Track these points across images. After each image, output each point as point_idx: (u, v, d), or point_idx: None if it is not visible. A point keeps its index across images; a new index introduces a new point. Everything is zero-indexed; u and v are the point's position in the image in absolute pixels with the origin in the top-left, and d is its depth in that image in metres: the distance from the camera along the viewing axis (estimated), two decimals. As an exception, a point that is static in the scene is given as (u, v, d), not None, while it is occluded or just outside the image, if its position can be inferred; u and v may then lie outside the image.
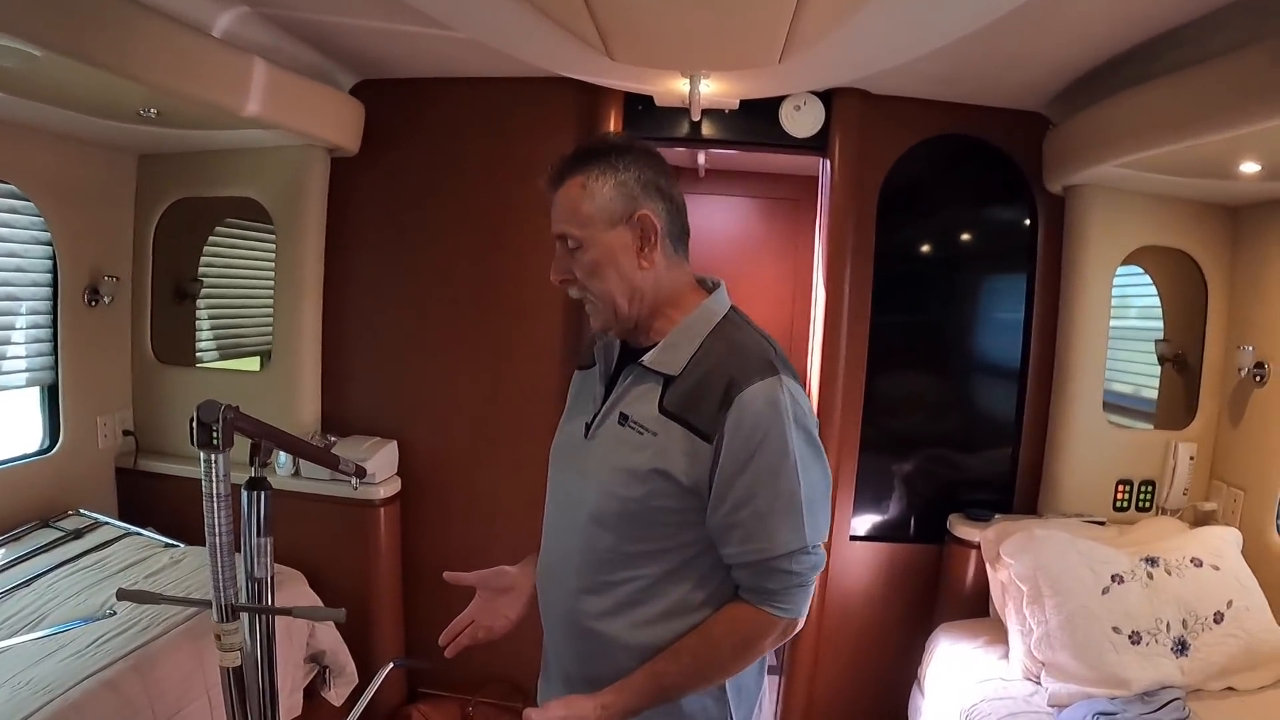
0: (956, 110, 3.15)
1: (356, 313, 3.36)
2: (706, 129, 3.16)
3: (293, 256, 3.21)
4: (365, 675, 3.01)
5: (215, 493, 1.64)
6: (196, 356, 3.54)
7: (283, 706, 2.12)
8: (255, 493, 1.77)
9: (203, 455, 1.64)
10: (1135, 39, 2.42)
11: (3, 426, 2.99)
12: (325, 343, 3.33)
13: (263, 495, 1.77)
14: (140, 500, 3.27)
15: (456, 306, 3.31)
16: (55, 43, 1.92)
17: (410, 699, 3.42)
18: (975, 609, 3.05)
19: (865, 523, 3.33)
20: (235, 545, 1.76)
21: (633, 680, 1.39)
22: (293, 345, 3.24)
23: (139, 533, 2.97)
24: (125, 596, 1.71)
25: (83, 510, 3.02)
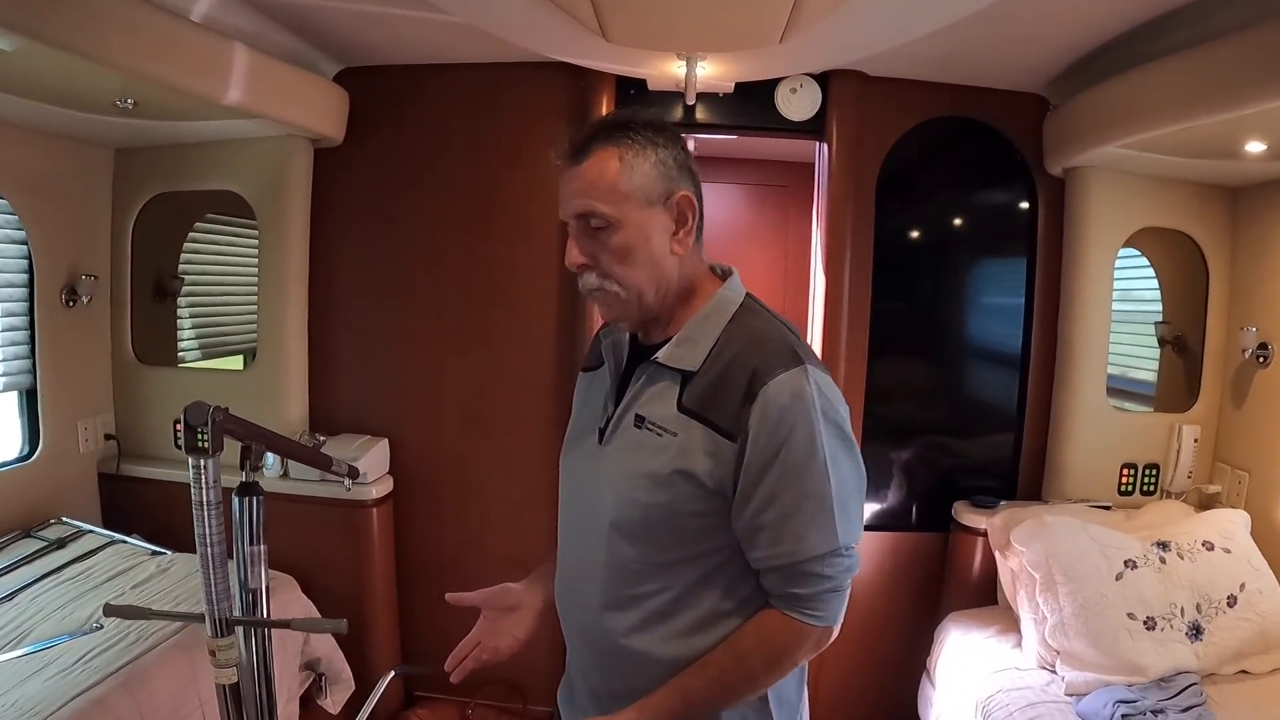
0: (955, 92, 3.10)
1: (343, 307, 3.27)
2: (700, 113, 3.10)
3: (276, 251, 3.12)
4: (361, 681, 2.94)
5: (205, 500, 1.54)
6: (179, 356, 3.45)
7: (280, 717, 2.04)
8: (247, 499, 1.67)
9: (191, 461, 1.54)
10: (1139, 17, 2.37)
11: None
12: (311, 339, 3.24)
13: (255, 501, 1.67)
14: (124, 506, 3.17)
15: (446, 298, 3.23)
16: (25, 28, 1.83)
17: (408, 704, 3.35)
18: (983, 597, 3.02)
19: (867, 511, 3.27)
20: (230, 552, 1.68)
21: (657, 698, 1.30)
22: (278, 342, 3.15)
23: (124, 540, 2.88)
24: (112, 613, 1.61)
25: (65, 518, 2.93)
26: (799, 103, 3.03)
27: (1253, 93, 1.98)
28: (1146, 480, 3.15)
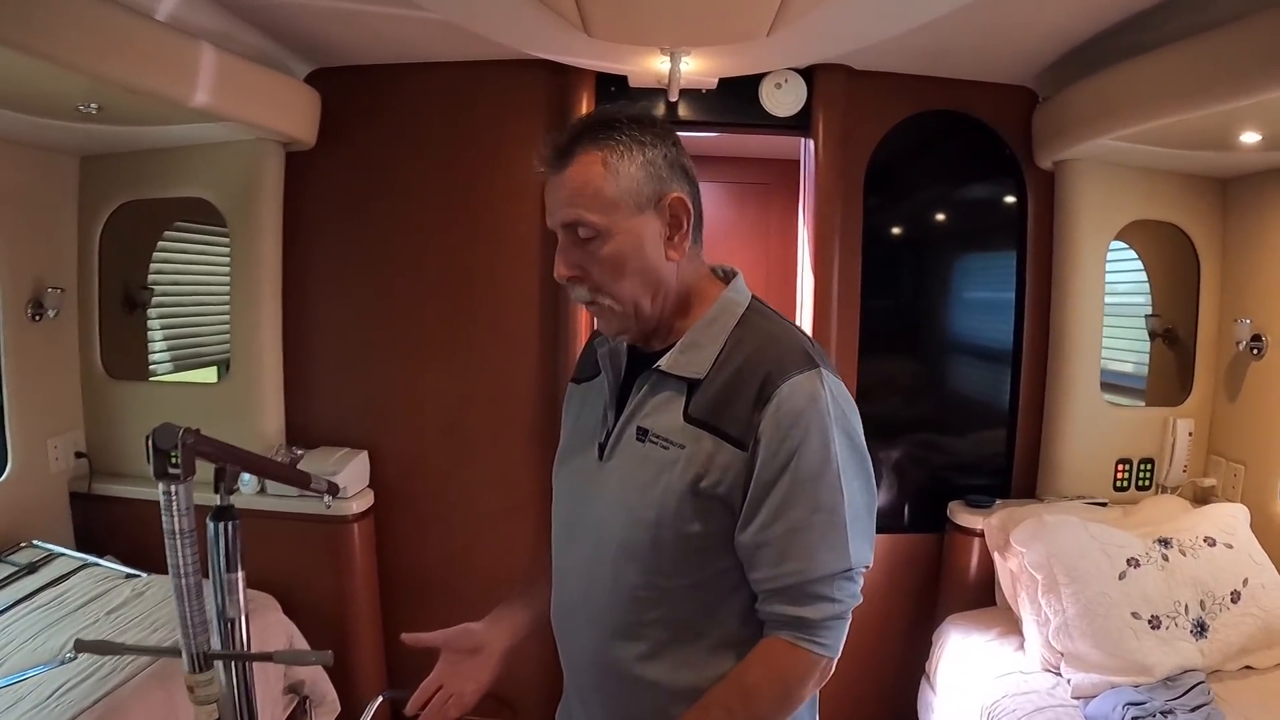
0: (942, 85, 3.05)
1: (319, 316, 3.17)
2: (683, 110, 3.03)
3: (248, 259, 3.02)
4: (345, 701, 2.85)
5: (177, 529, 1.42)
6: (150, 370, 3.33)
7: (264, 745, 1.95)
8: (222, 524, 1.56)
9: (161, 488, 1.43)
10: (1135, 6, 2.33)
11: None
12: (286, 349, 3.13)
13: (231, 526, 1.56)
14: (98, 526, 3.06)
15: (424, 304, 3.14)
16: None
17: (394, 720, 3.26)
18: (981, 598, 2.96)
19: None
20: (206, 572, 1.58)
21: None
22: (252, 353, 3.04)
23: (97, 563, 2.78)
24: (84, 648, 1.50)
25: (36, 541, 2.81)
26: (784, 98, 2.97)
27: (1255, 82, 1.94)
28: (1142, 475, 3.12)
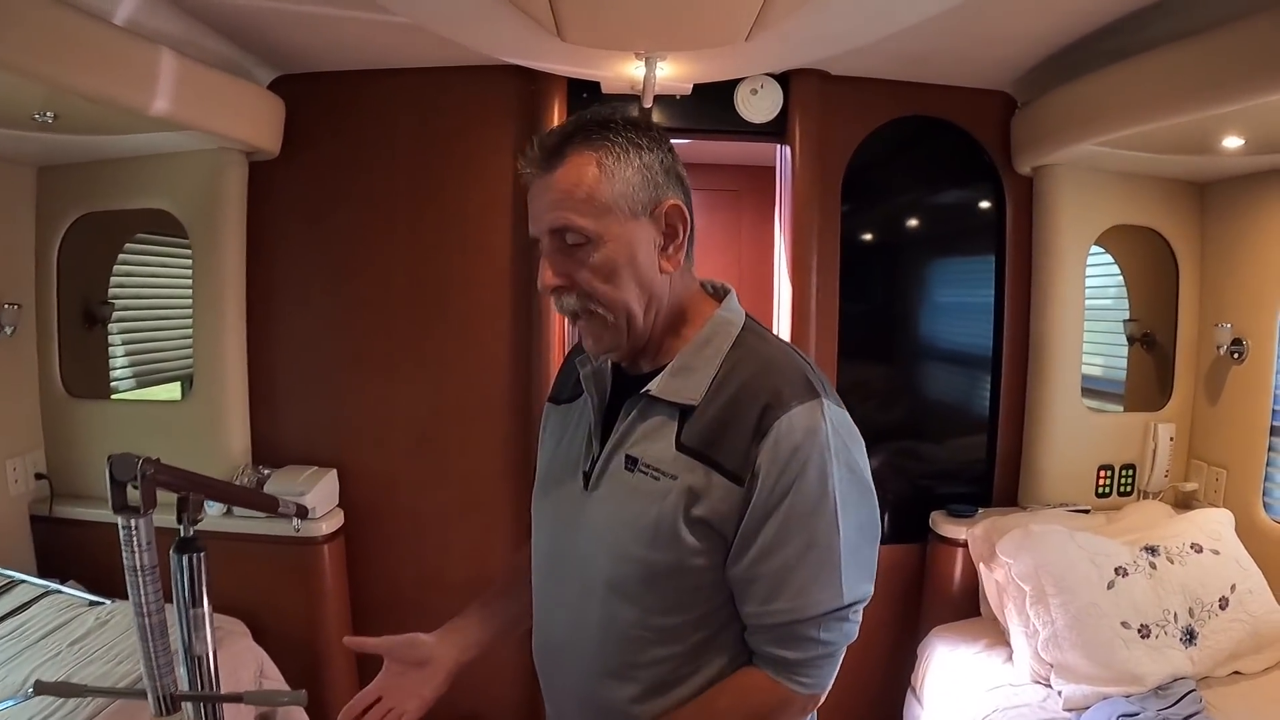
0: (919, 91, 3.02)
1: (284, 330, 3.07)
2: (657, 117, 2.95)
3: (211, 272, 2.92)
4: (318, 728, 2.75)
5: (139, 564, 1.33)
6: (112, 387, 3.22)
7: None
8: (186, 556, 1.46)
9: (121, 521, 1.34)
10: (1112, 13, 2.30)
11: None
12: (251, 365, 3.03)
13: (197, 558, 1.47)
14: (59, 551, 2.95)
15: (393, 317, 3.06)
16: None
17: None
18: (965, 609, 2.93)
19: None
20: (170, 598, 1.49)
21: None
22: (216, 369, 2.94)
23: (60, 590, 2.66)
24: (44, 690, 1.42)
25: (-4, 568, 2.71)
26: (760, 104, 2.92)
27: (1242, 88, 1.93)
28: (1123, 481, 3.11)
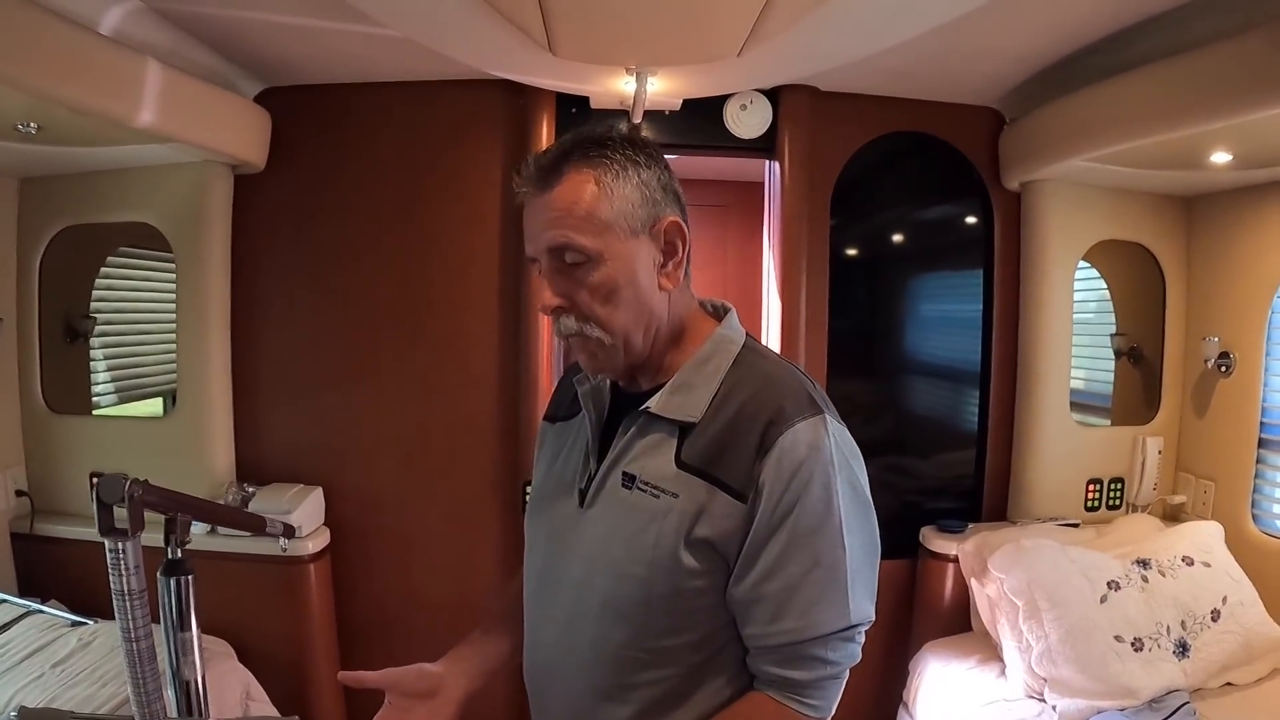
0: (907, 106, 3.04)
1: (269, 346, 3.03)
2: (646, 132, 2.94)
3: (195, 286, 2.88)
4: (305, 749, 2.71)
5: (127, 589, 1.28)
6: (94, 403, 3.18)
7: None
8: (174, 579, 1.43)
9: (108, 545, 1.30)
10: (1110, 27, 2.31)
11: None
12: (236, 381, 2.99)
13: (185, 581, 1.43)
14: (41, 569, 2.88)
15: (380, 333, 3.02)
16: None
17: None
18: (956, 624, 2.92)
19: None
20: (156, 618, 1.45)
21: None
22: (200, 385, 2.90)
23: (41, 610, 2.61)
24: (28, 716, 1.39)
25: (-25, 587, 2.65)
26: (749, 120, 2.92)
27: (1236, 103, 1.94)
28: (1112, 495, 3.12)
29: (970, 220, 3.17)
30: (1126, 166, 2.71)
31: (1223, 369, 2.89)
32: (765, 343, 3.01)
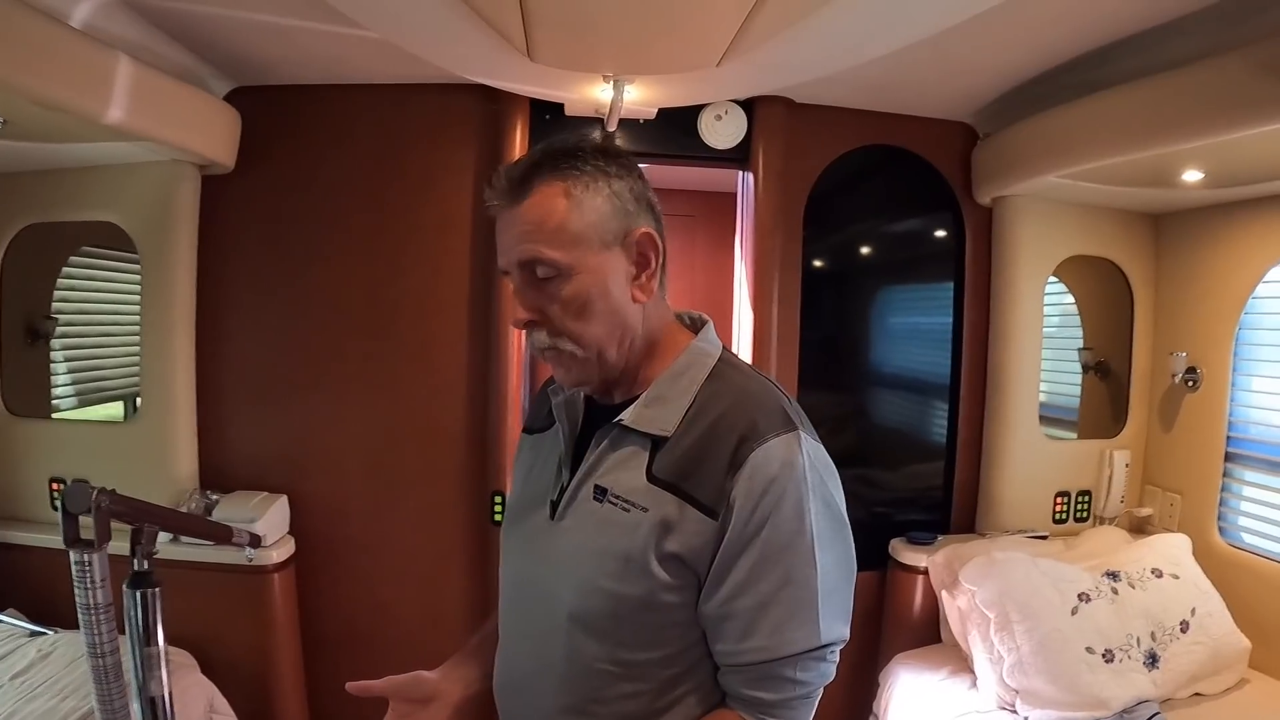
0: (881, 120, 3.05)
1: (235, 350, 2.97)
2: (620, 141, 2.93)
3: (161, 288, 2.82)
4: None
5: (93, 602, 1.24)
6: (53, 405, 3.10)
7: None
8: (141, 592, 1.38)
9: (74, 556, 1.25)
10: (1087, 46, 2.33)
11: None
12: (200, 385, 2.92)
13: (152, 594, 1.38)
14: (-1, 578, 2.82)
15: (348, 339, 2.97)
16: None
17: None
18: (926, 636, 2.92)
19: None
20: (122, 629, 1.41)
21: None
22: (164, 389, 2.84)
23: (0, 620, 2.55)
24: (-15, 737, 1.34)
25: (-71, 596, 2.57)
26: (724, 130, 2.91)
27: (1212, 124, 1.97)
28: (1080, 507, 3.14)
29: (941, 234, 3.19)
30: (1098, 183, 2.74)
31: (1190, 384, 2.92)
32: (734, 352, 3.03)
